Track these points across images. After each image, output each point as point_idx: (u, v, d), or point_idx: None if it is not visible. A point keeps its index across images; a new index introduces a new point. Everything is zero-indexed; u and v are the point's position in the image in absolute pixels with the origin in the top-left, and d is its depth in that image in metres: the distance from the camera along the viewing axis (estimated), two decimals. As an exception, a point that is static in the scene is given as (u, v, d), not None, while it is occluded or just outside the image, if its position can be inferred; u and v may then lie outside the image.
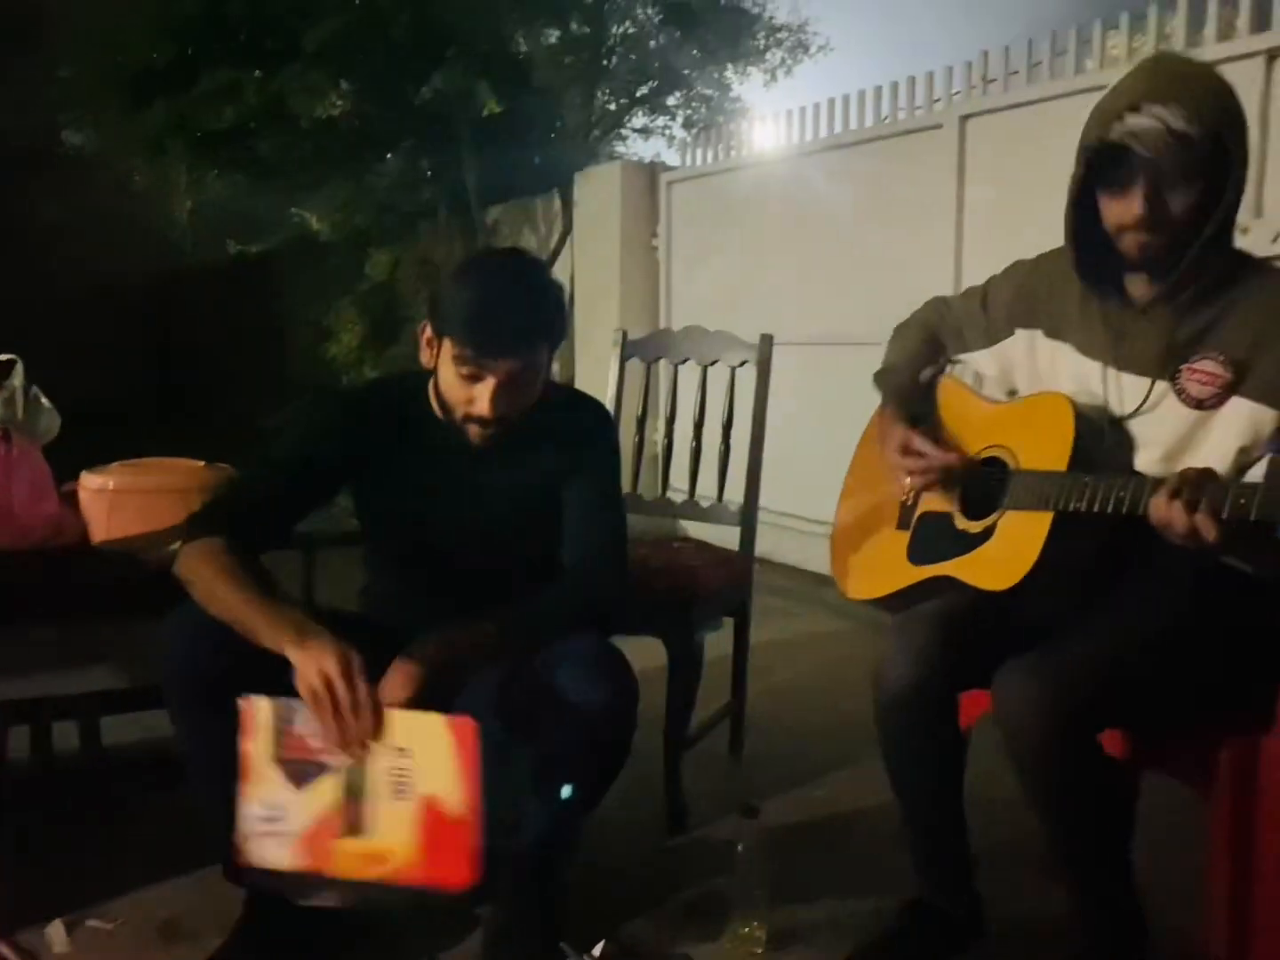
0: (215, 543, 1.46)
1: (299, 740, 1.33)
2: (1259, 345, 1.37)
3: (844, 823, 2.09)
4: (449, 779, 1.32)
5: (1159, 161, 1.30)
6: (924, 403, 1.72)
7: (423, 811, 1.32)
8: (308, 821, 1.33)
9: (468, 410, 1.50)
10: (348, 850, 1.33)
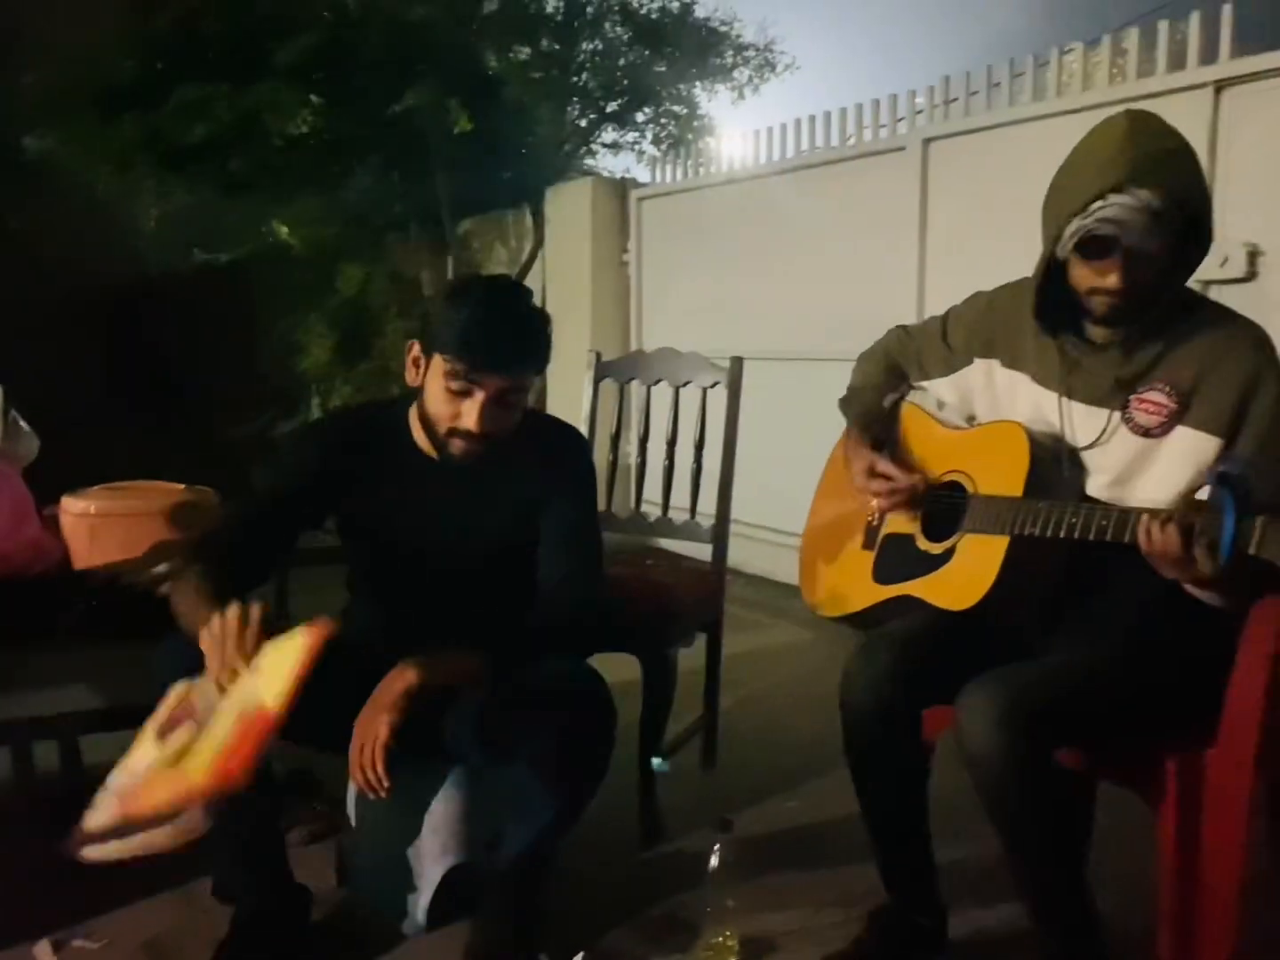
0: (204, 573, 1.50)
1: (188, 707, 1.36)
2: (1202, 377, 1.45)
3: (815, 833, 2.15)
4: (280, 682, 1.29)
5: (1143, 237, 1.37)
6: (887, 427, 1.79)
7: (240, 723, 1.30)
8: (144, 775, 1.33)
9: (453, 425, 1.54)
10: (159, 784, 1.31)
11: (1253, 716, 1.39)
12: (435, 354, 1.54)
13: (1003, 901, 1.61)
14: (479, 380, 1.51)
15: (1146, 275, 1.41)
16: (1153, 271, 1.41)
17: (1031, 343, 1.60)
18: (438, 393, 1.55)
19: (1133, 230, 1.37)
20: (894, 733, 1.52)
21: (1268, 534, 1.19)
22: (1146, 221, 1.36)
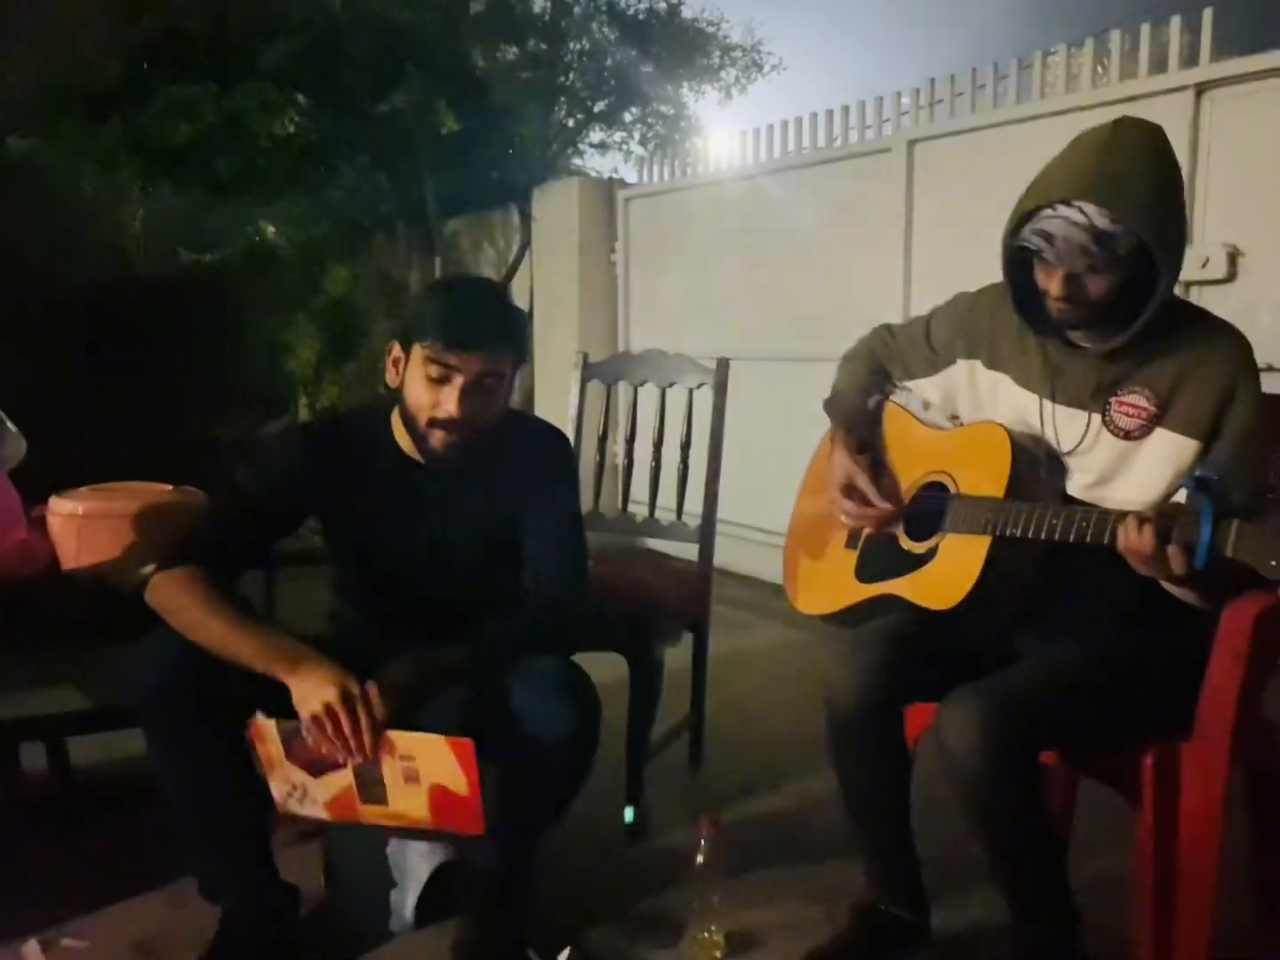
0: (193, 571, 1.51)
1: (307, 752, 1.45)
2: (1181, 381, 1.46)
3: (801, 829, 2.17)
4: (452, 775, 1.44)
5: (1080, 255, 1.38)
6: (871, 429, 1.80)
7: (433, 792, 1.46)
8: (330, 795, 1.48)
9: (434, 414, 1.55)
10: (370, 813, 1.49)
11: (1227, 711, 1.41)
12: (414, 345, 1.56)
13: (984, 895, 1.63)
14: (457, 364, 1.53)
15: (1098, 288, 1.41)
16: (1100, 289, 1.41)
17: (1013, 344, 1.62)
18: (417, 383, 1.56)
19: (1068, 245, 1.37)
20: (877, 731, 1.54)
21: (1242, 536, 1.21)
22: (1085, 238, 1.36)
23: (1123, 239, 1.36)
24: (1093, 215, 1.36)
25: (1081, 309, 1.44)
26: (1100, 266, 1.39)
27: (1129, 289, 1.41)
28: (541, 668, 1.55)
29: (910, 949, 1.65)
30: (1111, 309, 1.43)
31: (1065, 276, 1.41)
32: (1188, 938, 1.46)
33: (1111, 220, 1.35)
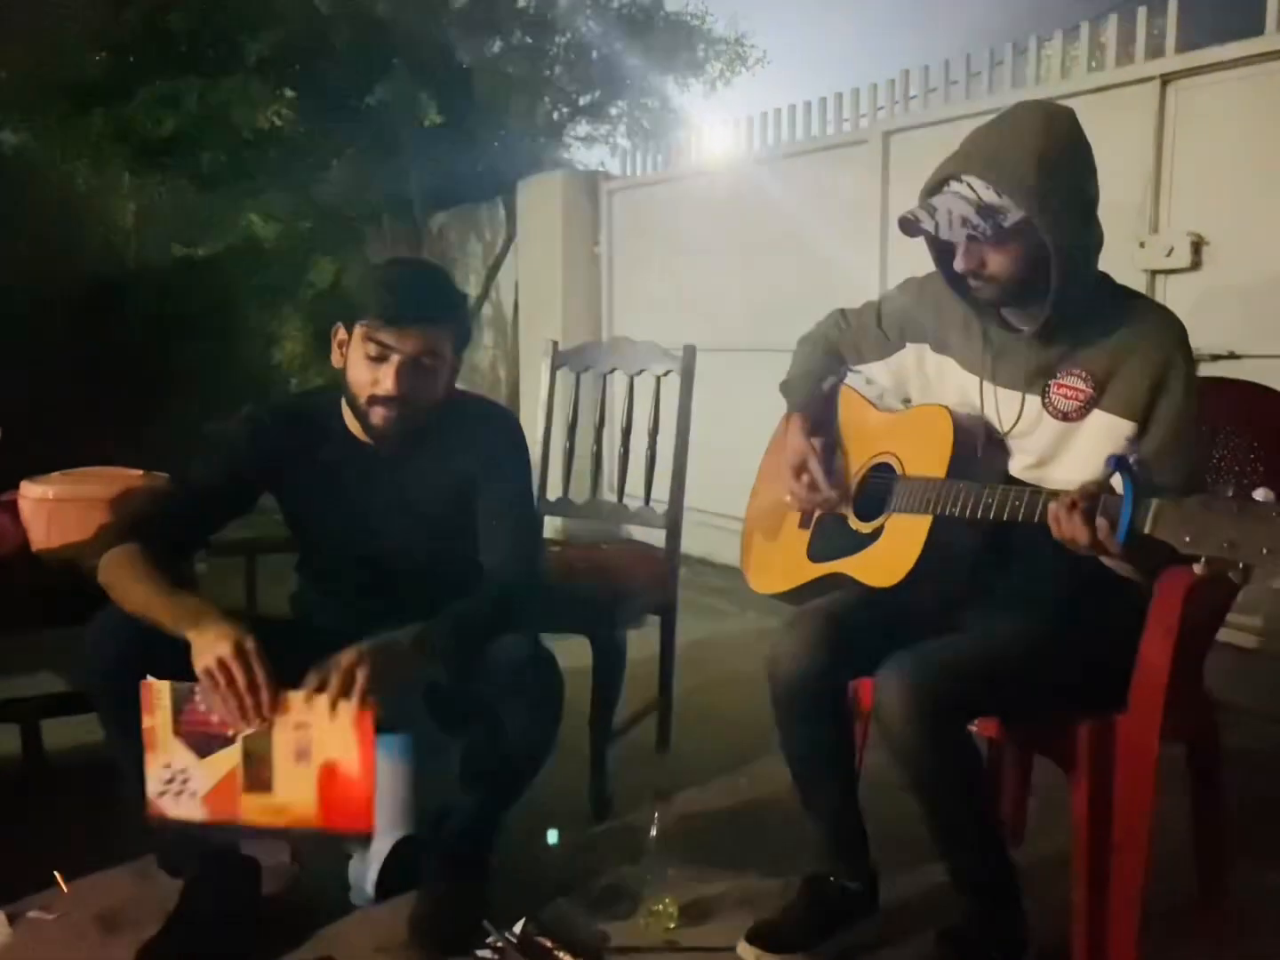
0: (131, 547, 1.55)
1: (199, 717, 1.44)
2: (1117, 364, 1.50)
3: (760, 809, 2.21)
4: (347, 748, 1.43)
5: (962, 226, 1.42)
6: (825, 411, 1.84)
7: (323, 773, 1.44)
8: (211, 783, 1.45)
9: (373, 391, 1.59)
10: (253, 804, 1.46)
11: (1159, 684, 1.45)
12: (355, 325, 1.59)
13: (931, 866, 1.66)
14: (393, 342, 1.57)
15: (998, 265, 1.45)
16: (1003, 263, 1.45)
17: (958, 329, 1.65)
18: (358, 363, 1.60)
19: (950, 217, 1.42)
20: (818, 701, 1.57)
21: (1160, 515, 1.25)
22: (968, 210, 1.41)
23: (1008, 212, 1.40)
24: (979, 189, 1.41)
25: (992, 286, 1.48)
26: (984, 238, 1.43)
27: (1043, 268, 1.44)
28: (503, 643, 1.58)
29: (858, 920, 1.69)
30: (1027, 287, 1.47)
31: (965, 252, 1.45)
32: (1122, 905, 1.50)
33: (996, 193, 1.39)
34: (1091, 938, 1.52)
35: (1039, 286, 1.46)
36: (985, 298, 1.51)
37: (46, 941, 1.67)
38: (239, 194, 5.92)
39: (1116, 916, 1.51)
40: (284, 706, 1.44)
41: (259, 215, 7.51)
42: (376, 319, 1.57)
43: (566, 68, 5.87)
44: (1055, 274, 1.43)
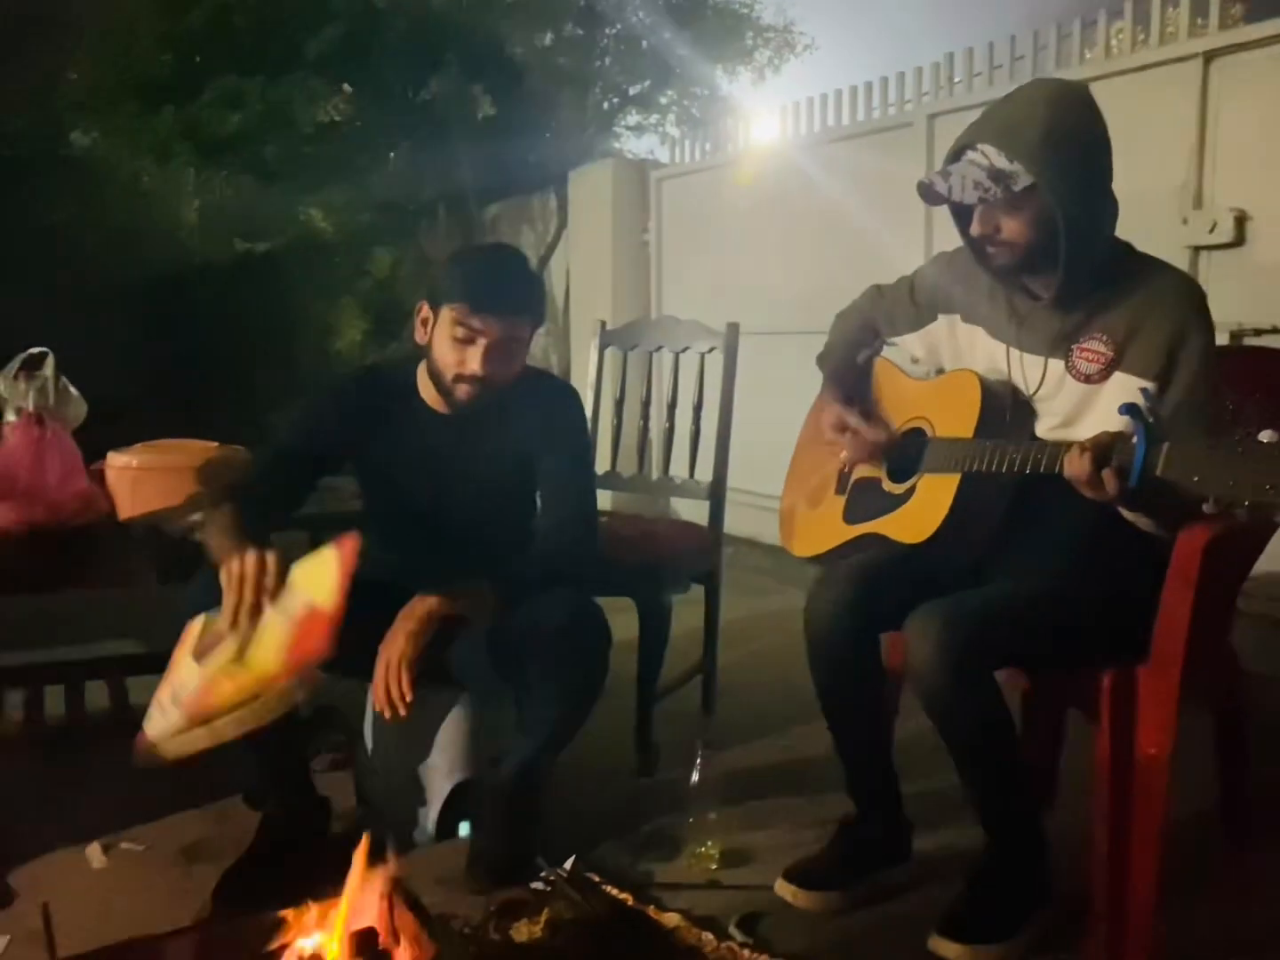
0: (229, 508, 1.68)
1: (217, 636, 1.52)
2: (1136, 326, 1.56)
3: (803, 767, 2.29)
4: (325, 586, 1.49)
5: (974, 189, 1.50)
6: (861, 381, 1.92)
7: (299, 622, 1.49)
8: (194, 686, 1.48)
9: (459, 371, 1.71)
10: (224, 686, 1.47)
11: (1179, 635, 1.51)
12: (442, 307, 1.70)
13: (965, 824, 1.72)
14: (481, 328, 1.68)
15: (1012, 230, 1.53)
16: (1015, 231, 1.52)
17: (985, 298, 1.72)
18: (445, 343, 1.71)
19: (963, 181, 1.50)
20: (854, 654, 1.66)
21: (1171, 457, 1.32)
22: (981, 175, 1.49)
23: (1018, 177, 1.48)
24: (991, 156, 1.49)
25: (1007, 252, 1.55)
26: (994, 201, 1.50)
27: (1056, 235, 1.51)
28: (556, 595, 1.69)
29: (891, 865, 1.77)
30: (1041, 254, 1.54)
31: (979, 217, 1.52)
32: (1142, 852, 1.56)
33: (1008, 159, 1.47)
34: (1113, 884, 1.58)
35: (1052, 254, 1.53)
36: (1002, 264, 1.59)
37: (137, 869, 1.83)
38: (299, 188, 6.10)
39: (1136, 864, 1.56)
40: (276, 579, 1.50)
41: (317, 209, 7.70)
42: (465, 306, 1.68)
43: (616, 59, 5.96)
44: (1064, 240, 1.50)
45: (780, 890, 1.73)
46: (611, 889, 1.71)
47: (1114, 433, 1.41)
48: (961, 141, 1.54)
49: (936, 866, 1.80)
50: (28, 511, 2.04)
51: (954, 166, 1.53)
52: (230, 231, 11.85)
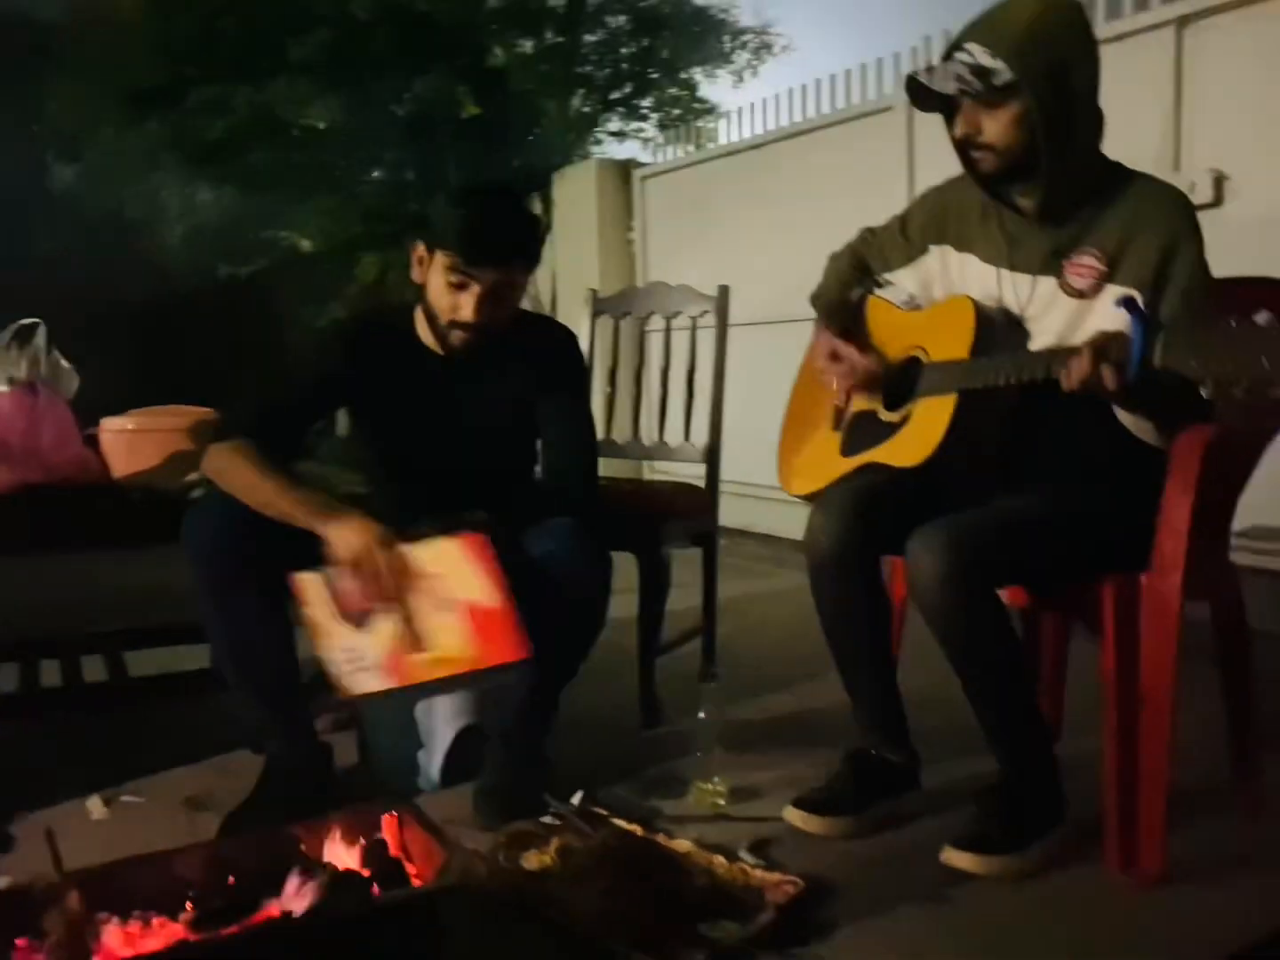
0: (246, 442, 1.67)
1: (345, 598, 1.55)
2: (1128, 238, 1.59)
3: (805, 718, 2.30)
4: (477, 583, 1.54)
5: (955, 80, 1.54)
6: (854, 318, 1.94)
7: (466, 614, 1.54)
8: (380, 653, 1.54)
9: (453, 317, 1.71)
10: (419, 663, 1.54)
11: (1180, 538, 1.52)
12: (437, 250, 1.71)
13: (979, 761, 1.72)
14: (475, 275, 1.68)
15: (994, 130, 1.55)
16: (996, 131, 1.55)
17: (977, 225, 1.74)
18: (439, 287, 1.71)
19: (946, 72, 1.54)
20: (853, 573, 1.66)
21: (1168, 346, 1.33)
22: (963, 69, 1.52)
23: (1000, 74, 1.51)
24: (976, 54, 1.53)
25: (991, 157, 1.58)
26: (974, 93, 1.53)
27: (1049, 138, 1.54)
28: (556, 526, 1.69)
29: (900, 793, 1.77)
30: (1024, 161, 1.57)
31: (962, 116, 1.57)
32: (1150, 761, 1.56)
33: (991, 56, 1.51)
34: (1122, 797, 1.58)
35: (1036, 163, 1.55)
36: (986, 170, 1.61)
37: (140, 818, 1.81)
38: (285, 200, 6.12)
39: (1145, 773, 1.56)
40: (412, 570, 1.55)
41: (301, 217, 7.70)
42: (460, 255, 1.67)
43: (598, 64, 6.03)
44: (1043, 142, 1.53)
45: (789, 816, 1.72)
46: (620, 821, 1.69)
47: (1111, 331, 1.43)
48: (951, 44, 1.57)
49: (947, 798, 1.80)
50: (22, 472, 2.03)
51: (941, 66, 1.56)
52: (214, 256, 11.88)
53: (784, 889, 1.48)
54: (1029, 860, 1.56)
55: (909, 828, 1.73)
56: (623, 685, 2.29)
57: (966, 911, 1.48)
